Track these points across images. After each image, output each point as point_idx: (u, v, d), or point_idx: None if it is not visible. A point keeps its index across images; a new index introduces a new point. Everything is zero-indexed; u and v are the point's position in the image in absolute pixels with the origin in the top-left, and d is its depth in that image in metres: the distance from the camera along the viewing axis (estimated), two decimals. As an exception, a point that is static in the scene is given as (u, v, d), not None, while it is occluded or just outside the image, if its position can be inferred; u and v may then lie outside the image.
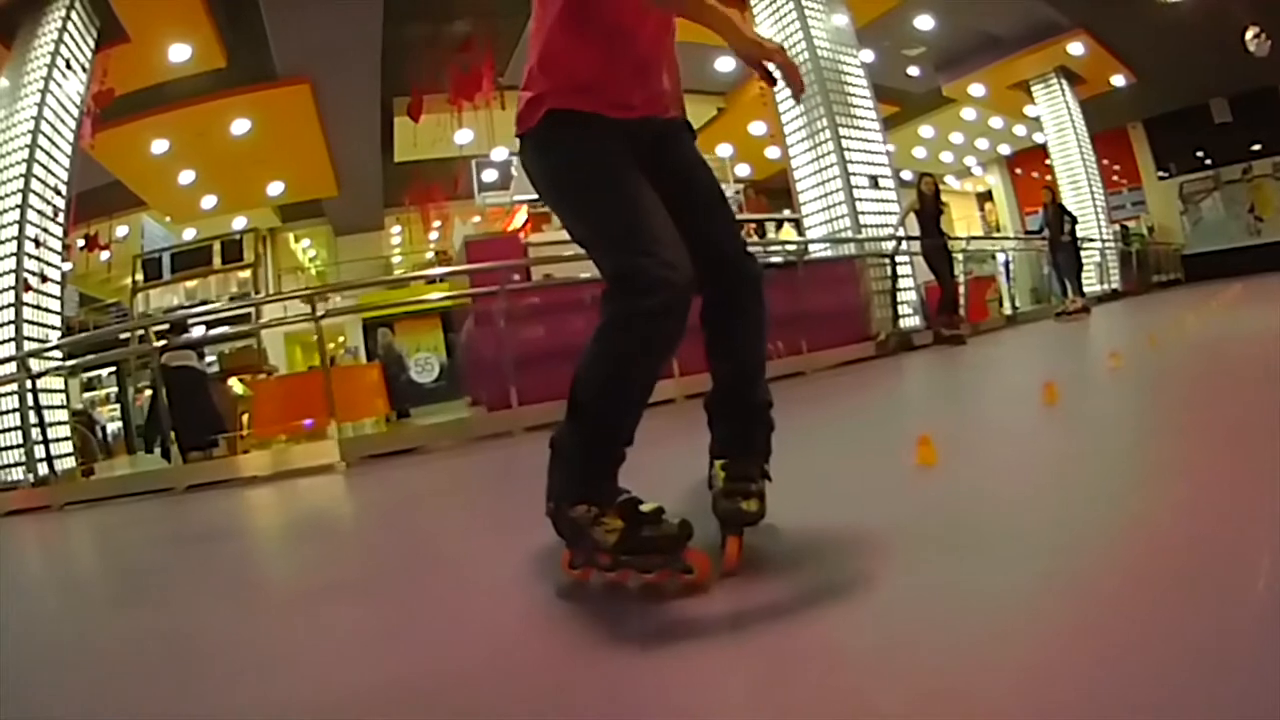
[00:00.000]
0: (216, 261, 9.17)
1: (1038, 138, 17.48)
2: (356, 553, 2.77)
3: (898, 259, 9.18)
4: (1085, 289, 12.16)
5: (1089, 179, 16.11)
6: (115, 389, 14.63)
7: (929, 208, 8.84)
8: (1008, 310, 12.30)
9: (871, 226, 9.27)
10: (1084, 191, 16.01)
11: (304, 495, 4.74)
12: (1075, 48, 14.56)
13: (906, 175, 21.46)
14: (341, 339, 17.46)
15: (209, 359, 9.51)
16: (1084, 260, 12.26)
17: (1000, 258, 14.40)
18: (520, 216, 10.12)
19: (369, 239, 18.48)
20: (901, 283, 9.26)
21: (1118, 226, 17.35)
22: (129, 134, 11.36)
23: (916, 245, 9.13)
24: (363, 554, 2.71)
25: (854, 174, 9.21)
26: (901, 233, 9.19)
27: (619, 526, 1.51)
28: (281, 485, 5.29)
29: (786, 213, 11.95)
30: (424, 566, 2.26)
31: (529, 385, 6.51)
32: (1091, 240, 14.58)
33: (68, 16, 8.74)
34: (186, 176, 13.10)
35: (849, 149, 9.27)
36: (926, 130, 19.10)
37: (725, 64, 12.97)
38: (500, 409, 6.63)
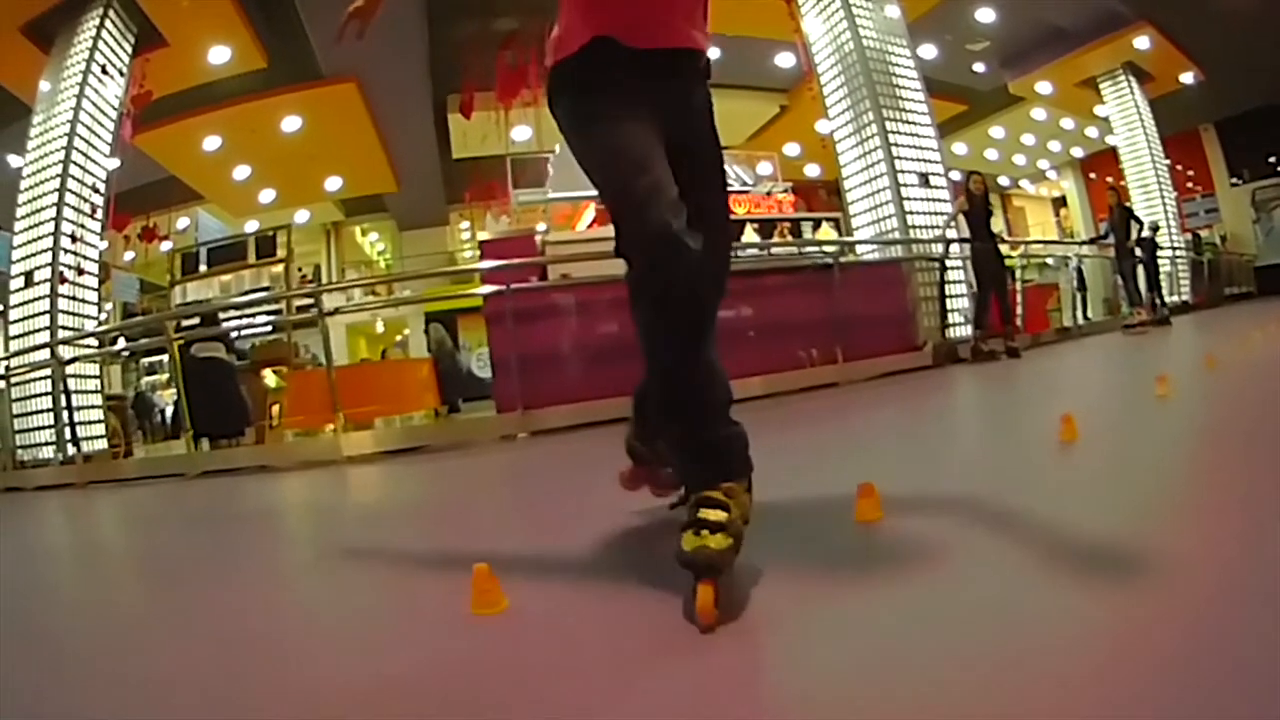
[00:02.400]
0: (251, 257, 8.98)
1: (1111, 140, 16.09)
2: (278, 543, 2.81)
3: (948, 263, 8.23)
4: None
5: (1160, 183, 14.66)
6: (176, 374, 14.71)
7: (978, 208, 7.80)
8: (1068, 321, 11.06)
9: (921, 227, 8.35)
10: (1155, 196, 14.57)
11: (291, 487, 4.71)
12: (1141, 42, 13.38)
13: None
14: (408, 332, 17.29)
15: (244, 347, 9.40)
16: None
17: (1072, 264, 13.19)
18: (589, 214, 9.54)
19: (434, 234, 18.13)
20: (951, 289, 8.30)
21: (1189, 235, 15.82)
22: (181, 131, 11.29)
23: (967, 249, 8.16)
24: (278, 546, 2.75)
25: (902, 171, 8.29)
26: (952, 234, 8.23)
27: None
28: (282, 476, 5.31)
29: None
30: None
31: (535, 389, 6.07)
32: (1161, 248, 13.19)
33: (101, 24, 8.79)
34: (242, 172, 12.95)
35: (897, 145, 8.34)
36: (997, 131, 17.91)
37: (786, 59, 12.18)
38: (508, 410, 6.16)
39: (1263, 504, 1.50)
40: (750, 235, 8.07)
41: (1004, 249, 8.40)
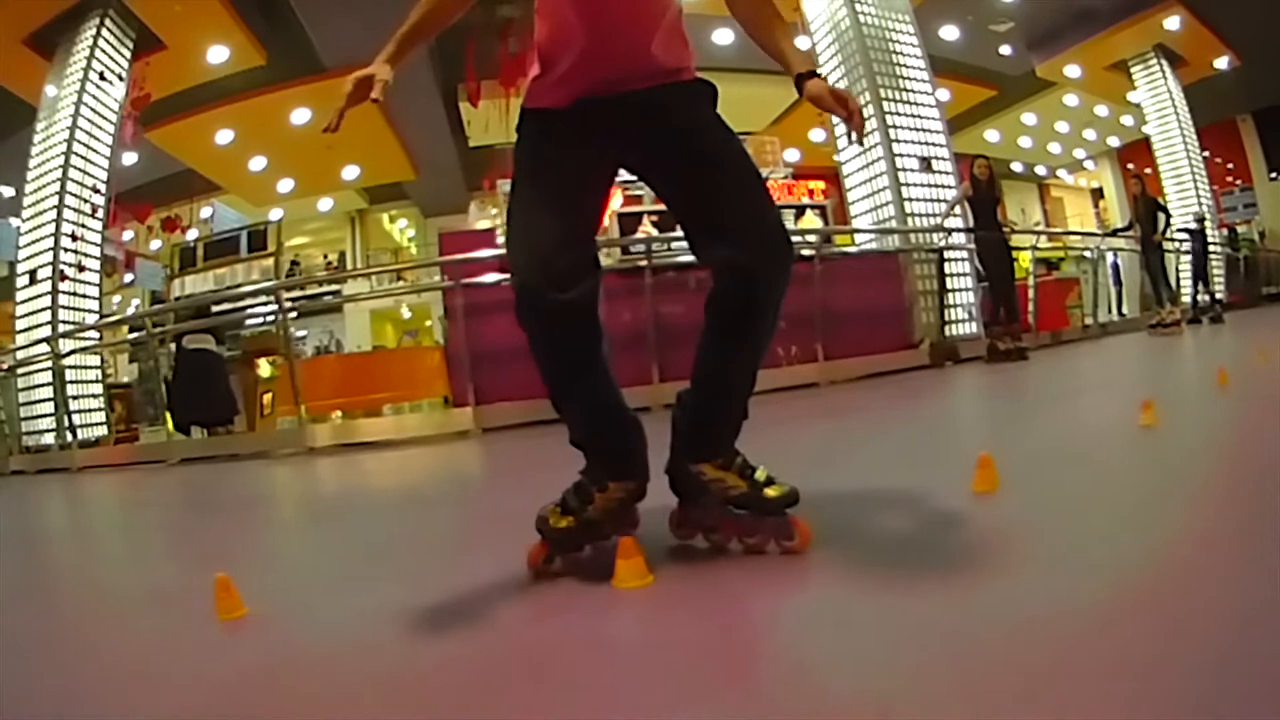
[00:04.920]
0: (244, 251, 8.82)
1: (1146, 129, 14.77)
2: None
3: (947, 254, 7.42)
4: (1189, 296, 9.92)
5: (1195, 174, 13.27)
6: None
7: (984, 194, 6.87)
8: (1089, 319, 10.00)
9: (921, 215, 7.55)
10: (1189, 188, 13.22)
11: (237, 477, 4.84)
12: (1171, 22, 12.15)
13: (1017, 167, 19.04)
14: (430, 323, 17.04)
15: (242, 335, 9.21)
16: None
17: (1109, 258, 12.09)
18: (617, 199, 8.96)
19: (459, 220, 17.79)
20: (952, 282, 7.50)
21: (1226, 230, 14.42)
22: (192, 127, 11.08)
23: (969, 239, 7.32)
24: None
25: (900, 155, 7.48)
26: (956, 224, 7.39)
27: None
28: (241, 466, 5.47)
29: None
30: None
31: (491, 385, 5.70)
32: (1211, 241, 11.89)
33: (98, 32, 8.79)
34: (258, 163, 12.66)
35: (896, 126, 7.54)
36: (1029, 118, 16.61)
37: (802, 42, 11.35)
38: (461, 405, 5.87)
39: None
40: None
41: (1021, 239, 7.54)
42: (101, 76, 8.73)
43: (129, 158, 10.62)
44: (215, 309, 7.97)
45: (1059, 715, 0.77)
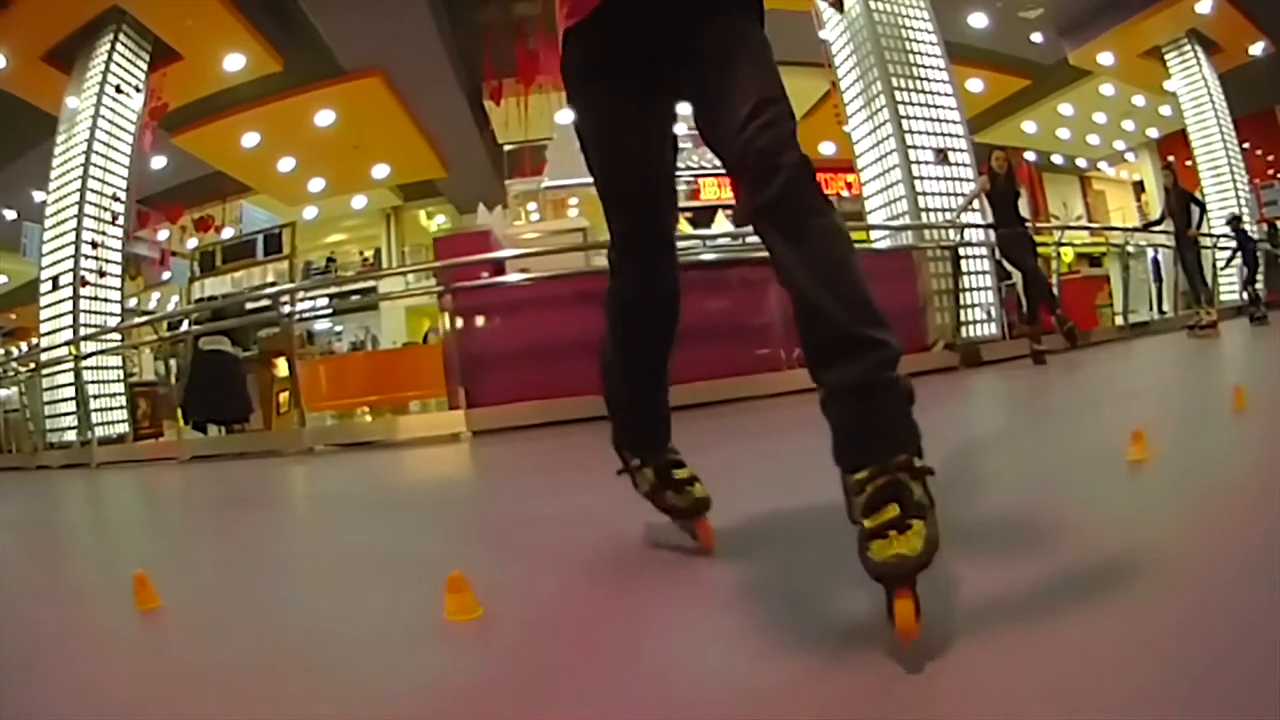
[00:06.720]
0: (260, 254, 8.75)
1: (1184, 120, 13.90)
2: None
3: (963, 251, 6.93)
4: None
5: (1232, 166, 12.37)
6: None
7: (1002, 189, 6.36)
8: (1120, 319, 9.30)
9: (936, 210, 7.08)
10: (1227, 181, 12.34)
11: (233, 474, 4.94)
12: (1203, 6, 11.38)
13: (1057, 159, 18.18)
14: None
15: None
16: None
17: (1149, 254, 11.33)
18: None
19: (493, 217, 17.58)
20: (969, 280, 7.00)
21: (1266, 225, 13.43)
22: (218, 131, 11.11)
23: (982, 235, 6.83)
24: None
25: (913, 146, 7.01)
26: (975, 220, 6.89)
27: (652, 480, 1.49)
28: (243, 464, 5.53)
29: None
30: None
31: (484, 388, 5.53)
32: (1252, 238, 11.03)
33: (113, 46, 8.87)
34: (286, 164, 12.65)
35: (909, 116, 7.06)
36: (1066, 108, 15.74)
37: (830, 34, 10.90)
38: (454, 408, 5.64)
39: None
40: (723, 224, 7.04)
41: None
42: (118, 89, 8.77)
43: (158, 161, 10.71)
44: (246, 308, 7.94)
45: None
